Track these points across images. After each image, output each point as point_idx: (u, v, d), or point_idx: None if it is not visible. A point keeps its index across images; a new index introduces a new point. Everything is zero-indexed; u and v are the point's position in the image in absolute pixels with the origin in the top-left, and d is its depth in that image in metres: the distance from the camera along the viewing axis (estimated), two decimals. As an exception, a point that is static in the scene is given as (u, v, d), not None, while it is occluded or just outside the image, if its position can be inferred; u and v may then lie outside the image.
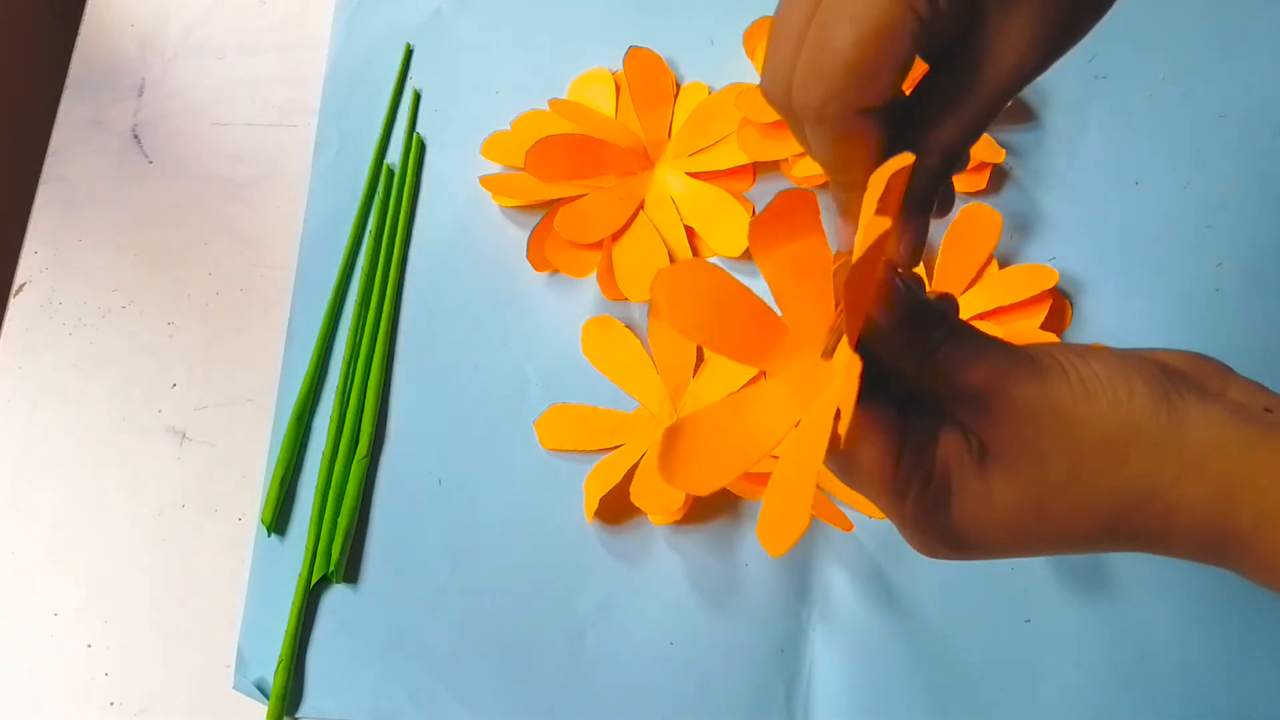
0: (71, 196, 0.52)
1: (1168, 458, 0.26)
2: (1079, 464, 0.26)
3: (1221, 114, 0.49)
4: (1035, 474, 0.26)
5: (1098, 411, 0.26)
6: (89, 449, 0.47)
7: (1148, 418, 0.26)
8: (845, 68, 0.26)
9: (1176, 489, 0.25)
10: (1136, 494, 0.26)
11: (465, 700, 0.42)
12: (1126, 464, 0.26)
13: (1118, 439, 0.26)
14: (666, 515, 0.43)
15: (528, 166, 0.46)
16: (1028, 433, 0.26)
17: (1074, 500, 0.26)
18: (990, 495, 0.27)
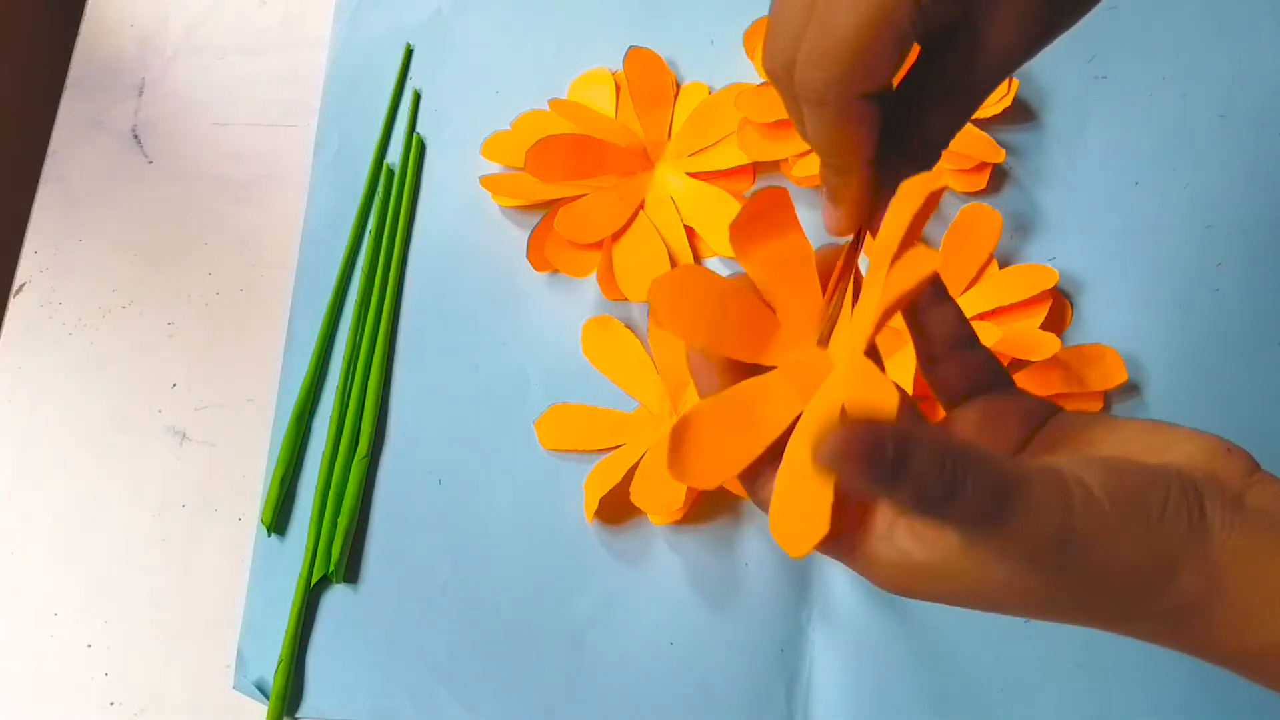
0: (71, 196, 0.52)
1: (1195, 574, 0.24)
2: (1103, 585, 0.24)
3: (1221, 114, 0.49)
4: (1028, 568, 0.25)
5: (1108, 526, 0.24)
6: (89, 449, 0.47)
7: (1169, 512, 0.24)
8: (850, 52, 0.26)
9: (1203, 599, 0.24)
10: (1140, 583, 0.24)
11: (465, 700, 0.42)
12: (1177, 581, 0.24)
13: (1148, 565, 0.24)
14: (666, 515, 0.43)
15: (528, 166, 0.46)
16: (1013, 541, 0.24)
17: (1082, 589, 0.25)
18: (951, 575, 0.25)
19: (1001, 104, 0.47)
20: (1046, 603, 0.25)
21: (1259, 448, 0.43)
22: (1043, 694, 0.41)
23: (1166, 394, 0.44)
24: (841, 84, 0.27)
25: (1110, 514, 0.24)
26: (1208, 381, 0.44)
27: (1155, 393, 0.44)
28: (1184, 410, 0.44)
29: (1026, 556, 0.24)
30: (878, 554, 0.26)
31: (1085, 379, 0.43)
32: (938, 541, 0.25)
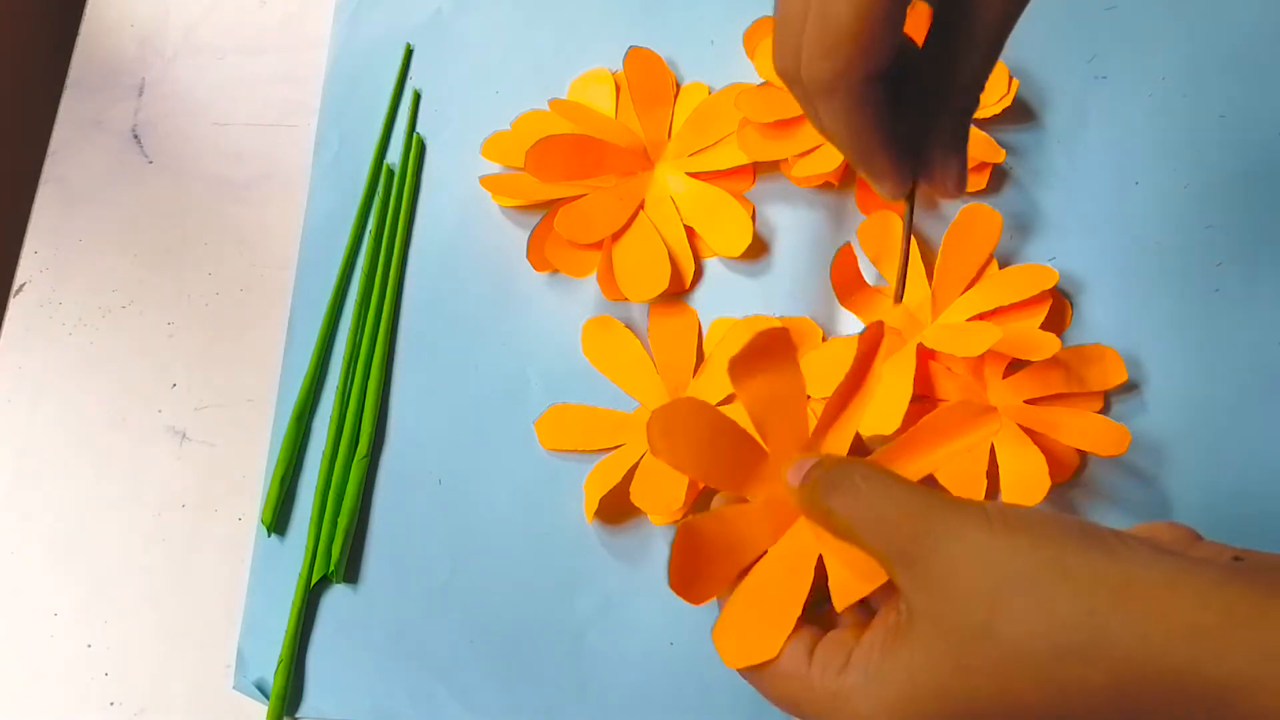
0: (71, 196, 0.52)
1: (1107, 600, 0.22)
2: (998, 603, 0.23)
3: (1221, 114, 0.49)
4: (952, 622, 0.24)
5: (1019, 548, 0.24)
6: (89, 449, 0.47)
7: (1077, 554, 0.23)
8: (849, 37, 0.27)
9: (1122, 634, 0.22)
10: (1075, 641, 0.22)
11: (465, 700, 0.42)
12: (1054, 604, 0.23)
13: (1041, 579, 0.23)
14: (666, 515, 0.43)
15: (528, 166, 0.46)
16: (945, 577, 0.24)
17: (1004, 652, 0.23)
18: (913, 663, 0.25)
19: (1001, 104, 0.47)
20: (973, 663, 0.24)
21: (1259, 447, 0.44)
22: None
23: (1166, 394, 0.44)
24: (846, 72, 0.28)
25: (1013, 523, 0.24)
26: (1207, 381, 0.44)
27: (1155, 393, 0.44)
28: (1184, 410, 0.44)
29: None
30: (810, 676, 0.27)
31: (1085, 379, 0.43)
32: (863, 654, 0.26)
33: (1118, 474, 0.43)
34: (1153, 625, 0.22)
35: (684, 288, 0.47)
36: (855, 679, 0.26)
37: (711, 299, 0.47)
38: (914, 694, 0.25)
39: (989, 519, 0.25)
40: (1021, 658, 0.23)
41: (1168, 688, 0.22)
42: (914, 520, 0.25)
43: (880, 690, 0.25)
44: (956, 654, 0.24)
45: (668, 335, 0.46)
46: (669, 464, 0.30)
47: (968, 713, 0.24)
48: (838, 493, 0.28)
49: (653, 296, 0.46)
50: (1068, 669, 0.23)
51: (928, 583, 0.25)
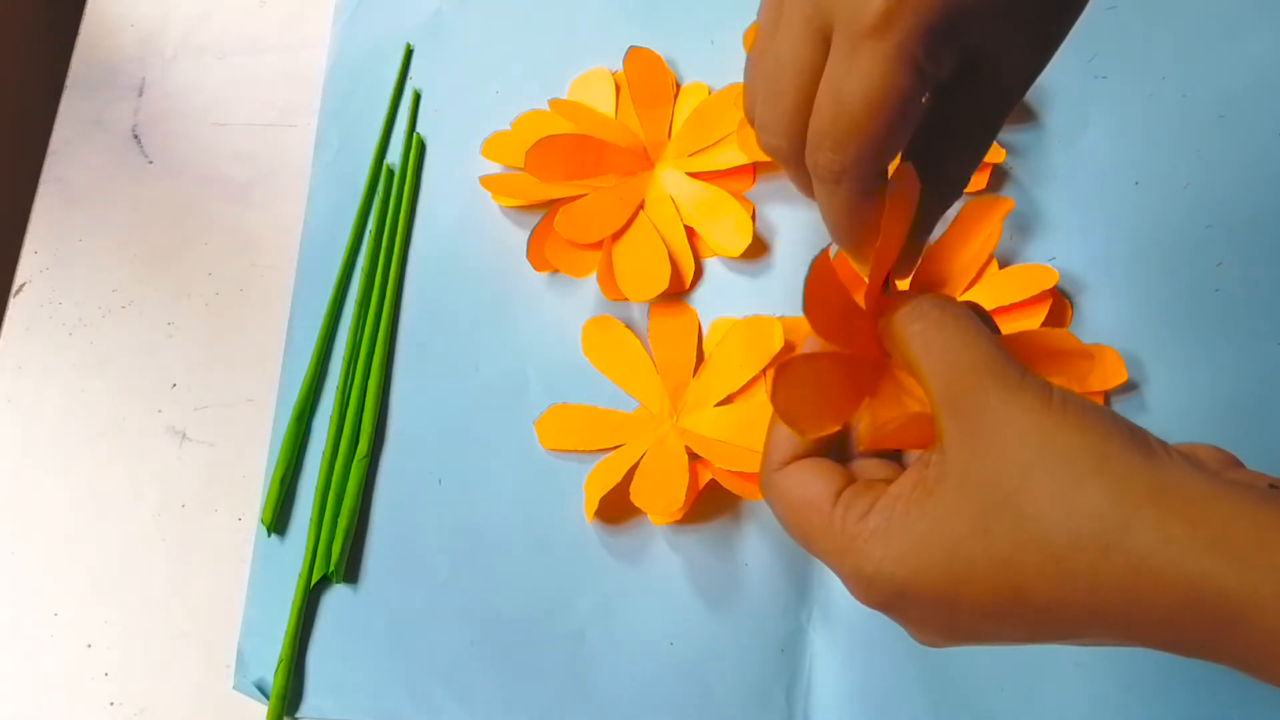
0: (71, 196, 0.52)
1: (1138, 496, 0.22)
2: (1031, 475, 0.23)
3: (1221, 114, 0.49)
4: (986, 484, 0.24)
5: (1065, 425, 0.24)
6: (89, 449, 0.47)
7: (1119, 449, 0.23)
8: (867, 130, 0.26)
9: (1146, 533, 0.22)
10: (1096, 530, 0.22)
11: (465, 700, 0.42)
12: (1084, 489, 0.23)
13: (1079, 460, 0.23)
14: (666, 515, 0.43)
15: (528, 166, 0.46)
16: (989, 436, 0.24)
17: (1023, 525, 0.23)
18: (935, 516, 0.25)
19: (1001, 104, 0.47)
20: (996, 528, 0.24)
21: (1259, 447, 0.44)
22: (1043, 694, 0.41)
23: (1166, 394, 0.44)
24: (859, 164, 0.26)
25: (1069, 406, 0.24)
26: (1208, 381, 0.44)
27: (1155, 393, 0.44)
28: (1184, 410, 0.44)
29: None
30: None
31: (1085, 379, 0.43)
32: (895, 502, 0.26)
33: (1118, 474, 0.43)
34: (1178, 529, 0.22)
35: (684, 288, 0.47)
36: (874, 524, 0.26)
37: (711, 299, 0.47)
38: (927, 546, 0.25)
39: (1049, 395, 0.24)
40: (1040, 535, 0.23)
41: (1181, 594, 0.21)
42: (979, 372, 0.25)
43: (895, 537, 0.25)
44: (977, 515, 0.24)
45: (668, 335, 0.46)
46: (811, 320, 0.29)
47: (974, 577, 0.24)
48: (920, 322, 0.27)
49: (653, 296, 0.46)
50: (1082, 557, 0.22)
51: (970, 437, 0.25)
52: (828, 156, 0.27)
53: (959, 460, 0.25)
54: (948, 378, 0.26)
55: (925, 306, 0.28)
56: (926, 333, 0.27)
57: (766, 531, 0.43)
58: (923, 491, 0.25)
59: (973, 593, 0.24)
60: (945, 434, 0.25)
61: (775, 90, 0.28)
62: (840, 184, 0.27)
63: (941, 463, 0.25)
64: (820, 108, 0.26)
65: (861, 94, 0.25)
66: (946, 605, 0.25)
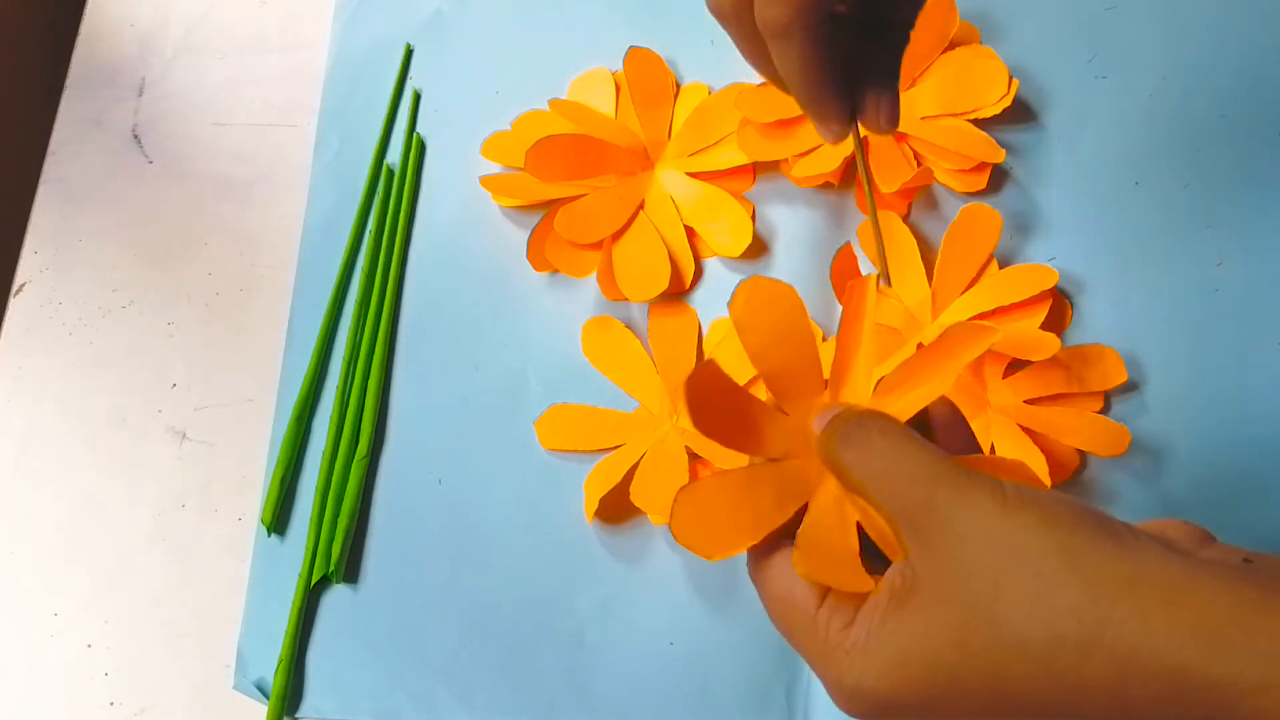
0: (71, 196, 0.52)
1: (1114, 590, 0.22)
2: (1002, 584, 0.23)
3: (1221, 114, 0.49)
4: (958, 596, 0.24)
5: (1029, 528, 0.23)
6: (89, 449, 0.47)
7: (1087, 542, 0.23)
8: None
9: (1126, 627, 0.22)
10: (1076, 631, 0.22)
11: (465, 700, 0.42)
12: (1058, 590, 0.22)
13: (1048, 560, 0.23)
14: (666, 515, 0.43)
15: (528, 166, 0.46)
16: (952, 548, 0.24)
17: (1001, 632, 0.23)
18: (911, 630, 0.24)
19: (1001, 104, 0.47)
20: (975, 641, 0.23)
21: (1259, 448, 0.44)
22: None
23: (1166, 394, 0.44)
24: (806, 12, 0.28)
25: (1027, 500, 0.24)
26: (1208, 381, 0.44)
27: (1155, 393, 0.44)
28: (1184, 410, 0.44)
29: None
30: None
31: (1085, 379, 0.43)
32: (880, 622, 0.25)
33: (1118, 474, 0.43)
34: (1158, 621, 0.21)
35: (684, 288, 0.47)
36: (856, 636, 0.26)
37: (711, 299, 0.47)
38: (905, 660, 0.24)
39: (1004, 496, 0.24)
40: (1019, 642, 0.23)
41: (1168, 685, 0.21)
42: (926, 485, 0.25)
43: (875, 651, 0.25)
44: (954, 629, 0.24)
45: (668, 335, 0.46)
46: (701, 432, 0.29)
47: (956, 688, 0.24)
48: (852, 446, 0.27)
49: (653, 296, 0.46)
50: (1065, 658, 0.22)
51: (934, 552, 0.24)
52: (774, 9, 0.28)
53: (927, 574, 0.25)
54: (896, 498, 0.26)
55: (853, 432, 0.27)
56: (863, 460, 0.27)
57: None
58: (897, 603, 0.25)
59: (956, 703, 0.24)
60: (910, 549, 0.25)
61: None
62: (789, 38, 0.28)
63: (911, 575, 0.25)
64: None
65: None
66: (935, 714, 0.25)
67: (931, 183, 0.48)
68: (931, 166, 0.47)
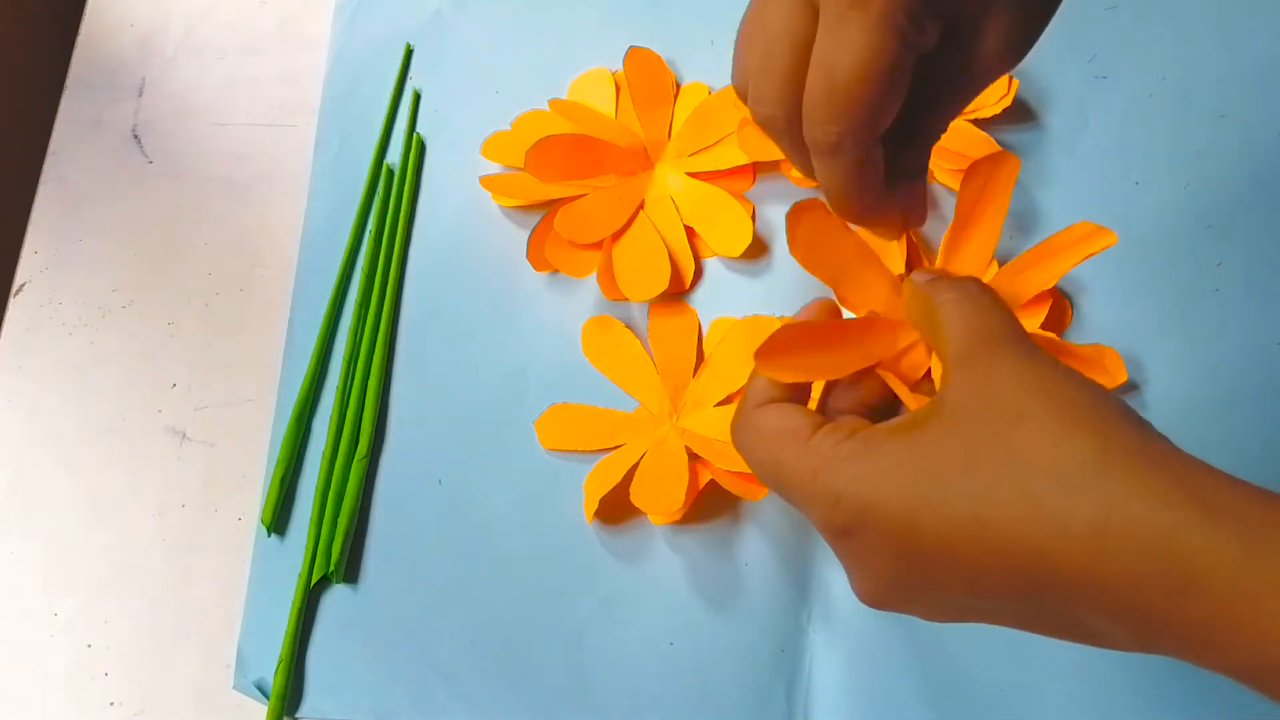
0: (71, 196, 0.52)
1: (1123, 448, 0.23)
2: (1024, 416, 0.24)
3: (1221, 114, 0.49)
4: (976, 421, 0.24)
5: (1066, 383, 0.24)
6: (89, 449, 0.47)
7: (1113, 412, 0.24)
8: (862, 97, 0.26)
9: (1126, 481, 0.22)
10: (1077, 469, 0.23)
11: (465, 700, 0.42)
12: (1072, 434, 0.23)
13: (1073, 410, 0.24)
14: (666, 515, 0.43)
15: (528, 166, 0.46)
16: (990, 381, 0.25)
17: (1008, 459, 0.23)
18: (916, 444, 0.25)
19: (1001, 104, 0.47)
20: (981, 463, 0.24)
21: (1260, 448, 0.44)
22: (1043, 694, 0.41)
23: (1166, 394, 0.44)
24: (856, 132, 0.27)
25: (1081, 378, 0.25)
26: (1208, 381, 0.44)
27: (1155, 393, 0.44)
28: (1184, 410, 0.44)
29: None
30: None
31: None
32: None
33: (1118, 474, 0.43)
34: (1158, 481, 0.22)
35: (684, 288, 0.47)
36: (851, 447, 0.26)
37: (711, 299, 0.47)
38: (901, 468, 0.25)
39: (1055, 364, 0.25)
40: (1020, 471, 0.23)
41: (1144, 544, 0.21)
42: (998, 337, 0.26)
43: (871, 458, 0.25)
44: (963, 447, 0.24)
45: (668, 335, 0.46)
46: (805, 265, 0.31)
47: (942, 503, 0.24)
48: (955, 292, 0.28)
49: (653, 296, 0.46)
50: (1056, 497, 0.22)
51: (974, 382, 0.25)
52: (824, 129, 0.27)
53: (956, 400, 0.25)
54: (967, 338, 0.26)
55: (965, 283, 0.29)
56: (959, 301, 0.28)
57: (766, 531, 0.43)
58: (910, 424, 0.26)
59: (936, 520, 0.24)
60: (949, 382, 0.26)
61: (767, 62, 0.28)
62: (838, 155, 0.28)
63: (937, 404, 0.26)
64: (812, 80, 0.27)
65: (850, 64, 0.26)
66: (906, 533, 0.25)
67: (931, 183, 0.48)
68: (931, 167, 0.47)
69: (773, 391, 0.29)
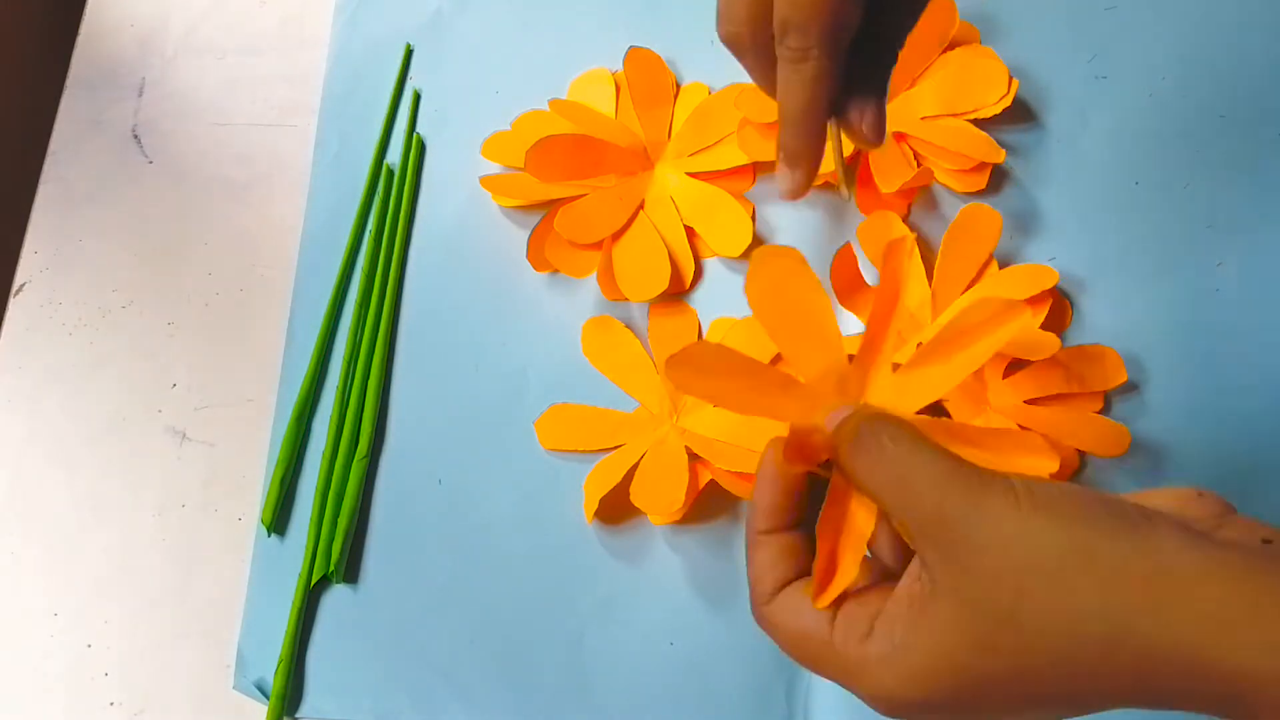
0: (71, 196, 0.52)
1: (1131, 589, 0.23)
2: (1023, 589, 0.23)
3: (1221, 114, 0.49)
4: (980, 603, 0.24)
5: (1043, 528, 0.24)
6: (89, 449, 0.47)
7: (1104, 538, 0.23)
8: (830, 6, 0.28)
9: (1145, 623, 0.22)
10: (1098, 630, 0.23)
11: (465, 700, 0.42)
12: (1078, 594, 0.23)
13: (1067, 563, 0.23)
14: (666, 515, 0.43)
15: (528, 166, 0.46)
16: (970, 557, 0.24)
17: (1025, 637, 0.23)
18: (936, 638, 0.25)
19: (1001, 104, 0.47)
20: (998, 644, 0.24)
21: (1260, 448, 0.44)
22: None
23: (1166, 394, 0.44)
24: (825, 36, 0.28)
25: (1040, 501, 0.24)
26: (1208, 381, 0.44)
27: (1155, 393, 0.44)
28: (1184, 410, 0.44)
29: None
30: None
31: (1085, 379, 0.43)
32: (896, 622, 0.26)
33: (1118, 474, 0.43)
34: (1175, 613, 0.22)
35: (684, 288, 0.47)
36: (878, 649, 0.26)
37: (711, 299, 0.47)
38: (934, 668, 0.25)
39: (1016, 497, 0.24)
40: (1044, 645, 0.23)
41: (1186, 675, 0.22)
42: (938, 492, 0.25)
43: (901, 661, 0.25)
44: (979, 634, 0.24)
45: (668, 335, 0.46)
46: (702, 398, 0.30)
47: (986, 688, 0.24)
48: (864, 453, 0.27)
49: (653, 296, 0.46)
50: (1088, 656, 0.23)
51: (952, 559, 0.25)
52: (794, 38, 0.29)
53: (946, 581, 0.25)
54: (910, 508, 0.26)
55: (864, 438, 0.28)
56: (873, 469, 0.27)
57: (766, 531, 0.43)
58: (917, 611, 0.26)
59: (991, 699, 0.25)
60: (925, 559, 0.26)
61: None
62: (806, 61, 0.29)
63: (930, 582, 0.25)
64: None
65: None
66: (968, 711, 0.25)
67: (931, 183, 0.48)
68: (931, 166, 0.47)
69: (775, 575, 0.30)
